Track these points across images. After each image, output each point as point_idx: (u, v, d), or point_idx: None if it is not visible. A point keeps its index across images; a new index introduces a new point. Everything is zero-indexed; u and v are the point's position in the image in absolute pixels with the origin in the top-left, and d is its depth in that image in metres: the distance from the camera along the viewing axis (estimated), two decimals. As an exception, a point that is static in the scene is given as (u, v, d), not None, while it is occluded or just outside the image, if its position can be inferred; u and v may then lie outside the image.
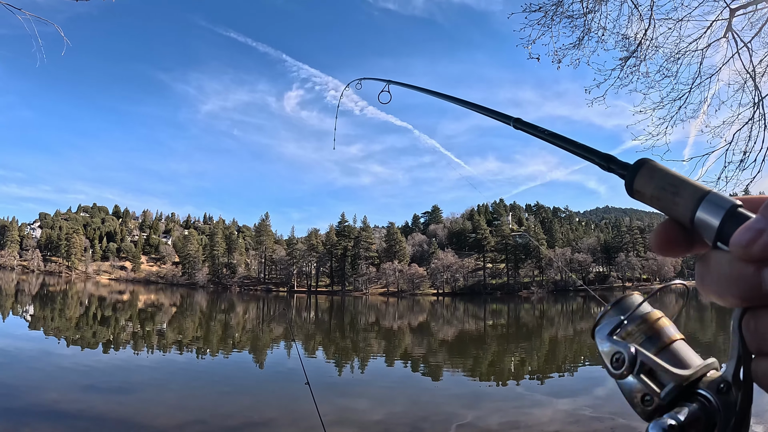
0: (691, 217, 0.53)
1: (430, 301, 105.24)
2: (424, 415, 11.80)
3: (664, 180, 0.58)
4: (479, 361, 22.96)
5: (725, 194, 0.52)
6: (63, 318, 37.31)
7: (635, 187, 0.61)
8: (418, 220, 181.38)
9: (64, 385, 13.69)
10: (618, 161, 0.68)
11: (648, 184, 0.59)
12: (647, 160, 0.62)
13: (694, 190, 0.54)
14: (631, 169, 0.62)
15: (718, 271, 0.48)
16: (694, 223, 0.52)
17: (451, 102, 1.74)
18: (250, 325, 40.30)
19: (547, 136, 0.93)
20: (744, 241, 0.45)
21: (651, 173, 0.59)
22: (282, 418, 11.06)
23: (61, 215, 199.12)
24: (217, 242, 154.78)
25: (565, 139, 0.86)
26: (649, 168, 0.60)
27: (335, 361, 21.88)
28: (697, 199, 0.52)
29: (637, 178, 0.61)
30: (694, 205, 0.52)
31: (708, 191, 0.53)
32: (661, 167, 0.60)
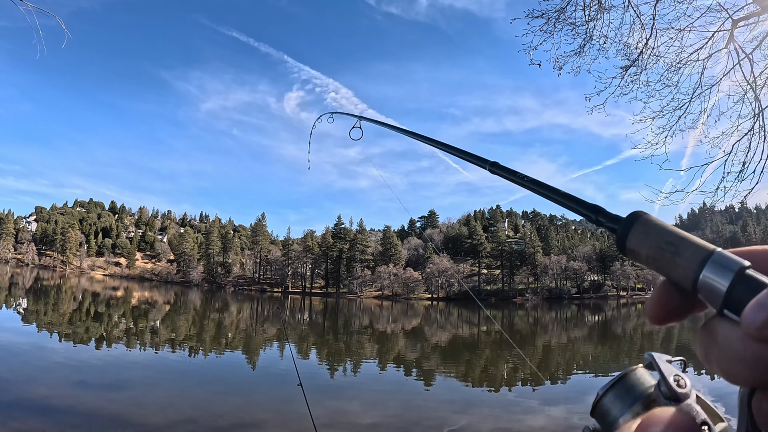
0: (694, 280, 0.47)
1: (425, 305, 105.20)
2: (416, 420, 11.77)
3: (661, 238, 0.51)
4: (472, 366, 22.94)
5: (731, 254, 0.47)
6: (56, 313, 37.18)
7: (629, 246, 0.54)
8: (415, 224, 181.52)
9: (55, 380, 13.62)
10: (607, 214, 0.61)
11: (643, 243, 0.52)
12: (641, 214, 0.55)
13: (696, 249, 0.48)
14: (622, 225, 0.55)
15: (728, 346, 0.43)
16: (698, 288, 0.47)
17: (424, 142, 1.67)
18: (243, 325, 40.22)
19: (526, 183, 0.86)
20: (759, 322, 0.39)
21: (646, 230, 0.53)
22: (273, 419, 11.02)
23: (57, 209, 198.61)
24: (213, 241, 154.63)
25: (547, 187, 0.77)
26: (644, 224, 0.53)
27: (328, 363, 21.83)
28: (701, 260, 0.46)
29: (631, 236, 0.54)
30: (697, 267, 0.47)
31: (713, 250, 0.47)
32: (657, 222, 0.53)
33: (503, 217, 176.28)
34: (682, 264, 0.48)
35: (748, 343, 0.41)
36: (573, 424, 11.79)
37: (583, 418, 8.78)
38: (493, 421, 12.18)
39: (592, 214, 0.63)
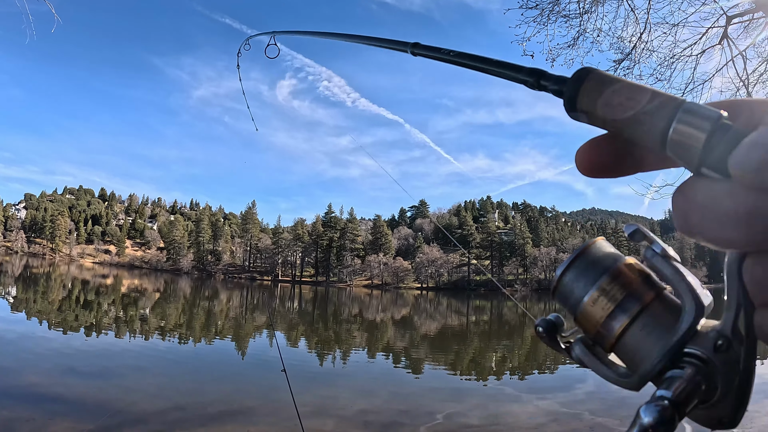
0: (662, 136, 0.40)
1: (414, 295, 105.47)
2: (405, 409, 11.83)
3: (619, 92, 0.43)
4: (461, 356, 23.06)
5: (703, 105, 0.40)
6: (46, 301, 36.95)
7: (579, 106, 0.46)
8: (405, 213, 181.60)
9: (44, 368, 13.56)
10: (551, 75, 0.53)
11: (597, 101, 0.45)
12: (591, 69, 0.47)
13: (663, 100, 0.41)
14: (571, 83, 0.47)
15: (712, 206, 0.36)
16: (668, 144, 0.40)
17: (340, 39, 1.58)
18: (233, 313, 40.18)
19: (453, 58, 0.76)
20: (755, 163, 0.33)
21: (599, 86, 0.45)
22: (261, 407, 11.04)
23: (46, 196, 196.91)
24: (203, 229, 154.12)
25: (479, 59, 0.68)
26: (596, 79, 0.46)
27: (317, 351, 21.87)
28: (669, 112, 0.39)
29: (582, 94, 0.46)
30: (666, 120, 0.39)
31: (682, 100, 0.40)
32: (612, 76, 0.45)
33: (493, 208, 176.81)
34: (647, 119, 0.41)
35: (739, 195, 0.35)
36: (560, 413, 11.89)
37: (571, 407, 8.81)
38: (482, 409, 12.25)
39: (532, 79, 0.55)
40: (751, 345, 0.40)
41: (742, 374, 0.41)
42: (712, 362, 0.42)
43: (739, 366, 0.41)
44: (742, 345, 0.41)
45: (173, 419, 9.92)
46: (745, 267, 0.39)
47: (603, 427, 10.44)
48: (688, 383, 0.41)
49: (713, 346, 0.41)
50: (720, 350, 0.41)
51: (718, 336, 0.41)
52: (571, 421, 11.24)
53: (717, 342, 0.41)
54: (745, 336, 0.40)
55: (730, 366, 0.41)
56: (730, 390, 0.42)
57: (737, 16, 7.73)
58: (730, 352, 0.41)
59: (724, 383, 0.42)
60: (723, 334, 0.41)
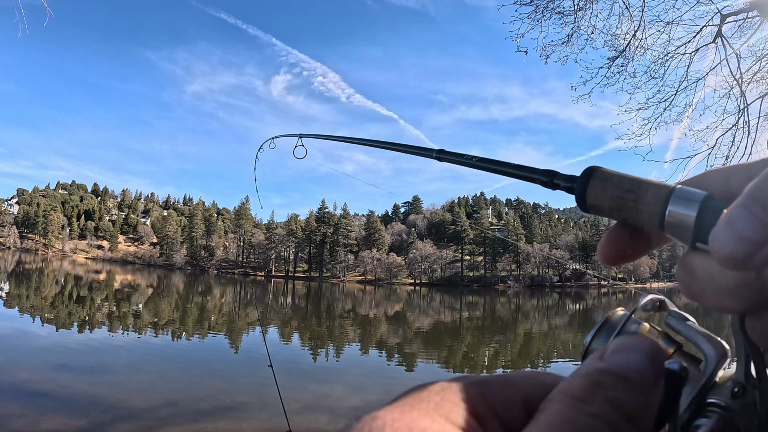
0: (660, 220, 0.45)
1: (407, 290, 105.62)
2: (398, 405, 11.86)
3: (621, 187, 0.49)
4: (454, 351, 23.12)
5: (691, 188, 0.45)
6: (38, 296, 36.81)
7: (589, 202, 0.52)
8: (399, 209, 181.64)
9: (37, 364, 13.51)
10: (562, 175, 0.58)
11: (603, 196, 0.50)
12: (597, 168, 0.52)
13: (657, 189, 0.46)
14: (579, 182, 0.52)
15: (708, 279, 0.41)
16: (665, 227, 0.45)
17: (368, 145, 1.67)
18: (226, 309, 40.13)
19: (475, 162, 0.83)
20: (727, 249, 0.36)
21: (604, 182, 0.50)
22: (253, 402, 11.04)
23: (39, 192, 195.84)
24: (196, 224, 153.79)
25: (498, 163, 0.75)
26: (601, 176, 0.51)
27: (310, 347, 21.87)
28: (663, 198, 0.45)
29: (590, 191, 0.51)
30: (662, 206, 0.45)
31: (673, 187, 0.45)
32: (614, 173, 0.51)
33: (487, 204, 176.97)
34: (645, 208, 0.46)
35: (725, 271, 0.39)
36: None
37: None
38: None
39: (546, 178, 0.61)
40: (764, 386, 0.43)
41: (760, 414, 0.44)
42: (732, 408, 0.44)
43: (756, 407, 0.44)
44: (755, 389, 0.43)
45: (165, 415, 9.91)
46: (747, 325, 0.42)
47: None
48: (713, 430, 0.44)
49: (731, 394, 0.44)
50: (737, 396, 0.44)
51: (734, 384, 0.44)
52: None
53: (734, 389, 0.44)
54: (758, 379, 0.43)
55: (747, 409, 0.44)
56: (752, 429, 0.44)
57: (731, 14, 7.74)
58: (746, 397, 0.44)
59: (745, 425, 0.44)
60: (738, 382, 0.44)
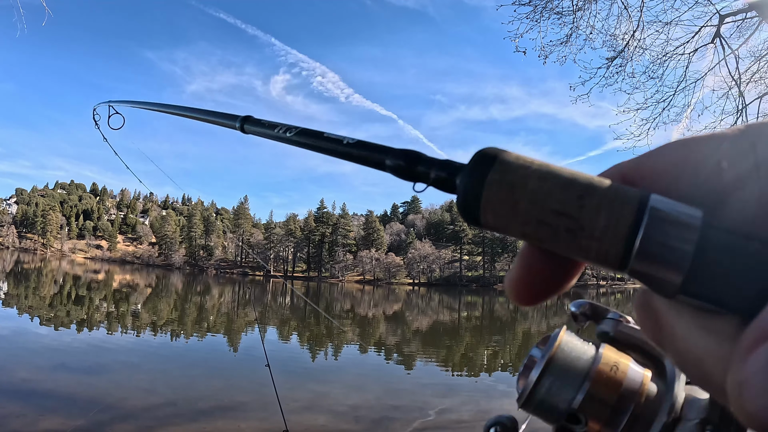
0: (622, 262, 0.25)
1: (406, 290, 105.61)
2: (396, 404, 11.85)
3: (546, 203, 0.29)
4: (452, 351, 23.13)
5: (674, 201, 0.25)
6: (37, 296, 36.74)
7: (485, 219, 0.31)
8: (397, 209, 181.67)
9: (35, 364, 13.48)
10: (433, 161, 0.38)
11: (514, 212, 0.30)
12: (497, 156, 0.33)
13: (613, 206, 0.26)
14: (468, 180, 0.32)
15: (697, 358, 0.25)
16: (630, 265, 0.25)
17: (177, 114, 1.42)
18: (225, 309, 40.09)
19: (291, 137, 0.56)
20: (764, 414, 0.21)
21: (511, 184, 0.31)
22: (252, 402, 11.03)
23: (38, 191, 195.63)
24: (195, 224, 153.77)
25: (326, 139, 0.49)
26: (509, 176, 0.31)
27: (308, 347, 21.86)
28: (629, 225, 0.25)
29: (487, 200, 0.30)
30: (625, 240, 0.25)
31: (647, 197, 0.26)
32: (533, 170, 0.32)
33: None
34: (594, 243, 0.26)
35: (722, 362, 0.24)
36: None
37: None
38: (473, 405, 12.31)
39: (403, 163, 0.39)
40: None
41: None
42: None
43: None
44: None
45: (164, 415, 9.91)
46: None
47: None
48: None
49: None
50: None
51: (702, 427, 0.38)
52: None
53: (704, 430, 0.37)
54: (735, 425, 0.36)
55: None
56: None
57: (730, 15, 7.75)
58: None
59: None
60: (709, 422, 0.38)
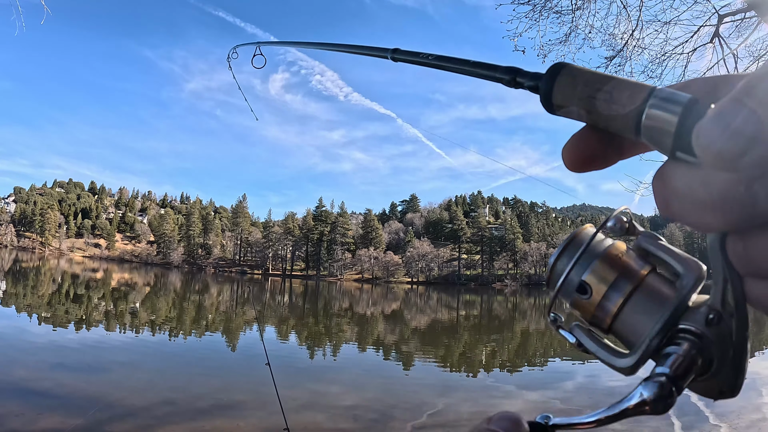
0: (636, 124, 0.40)
1: (404, 289, 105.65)
2: (394, 403, 11.86)
3: (592, 85, 0.44)
4: (451, 350, 23.14)
5: (673, 89, 0.40)
6: (35, 295, 36.72)
7: (555, 101, 0.47)
8: (396, 208, 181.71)
9: (34, 363, 13.48)
10: (526, 72, 0.53)
11: (572, 95, 0.45)
12: (564, 64, 0.47)
13: (634, 89, 0.41)
14: (545, 79, 0.48)
15: (688, 193, 0.37)
16: (642, 132, 0.40)
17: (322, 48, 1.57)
18: (223, 307, 40.09)
19: (432, 61, 0.77)
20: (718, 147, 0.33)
21: (572, 80, 0.46)
22: (251, 401, 11.03)
23: (36, 190, 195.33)
24: (194, 222, 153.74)
25: (454, 60, 0.69)
26: (570, 73, 0.46)
27: (307, 346, 21.88)
28: (641, 100, 0.40)
29: (556, 90, 0.47)
30: (638, 107, 0.40)
31: (653, 87, 0.40)
32: (585, 70, 0.46)
33: (484, 203, 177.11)
34: (620, 109, 0.41)
35: (710, 182, 0.35)
36: (550, 407, 11.97)
37: (560, 401, 8.86)
38: (471, 404, 12.32)
39: (508, 76, 0.55)
40: (741, 316, 0.41)
41: (735, 345, 0.41)
42: (706, 336, 0.42)
43: (731, 337, 0.41)
44: (732, 317, 0.41)
45: (163, 413, 9.91)
46: (728, 245, 0.39)
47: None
48: (684, 358, 0.41)
49: (705, 320, 0.42)
50: (712, 324, 0.41)
51: (709, 310, 0.42)
52: (561, 415, 11.33)
53: (708, 316, 0.42)
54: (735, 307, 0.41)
55: (723, 338, 0.41)
56: (726, 361, 0.42)
57: (729, 15, 7.76)
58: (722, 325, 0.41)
59: (719, 355, 0.42)
60: (713, 308, 0.42)
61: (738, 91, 0.33)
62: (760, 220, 0.35)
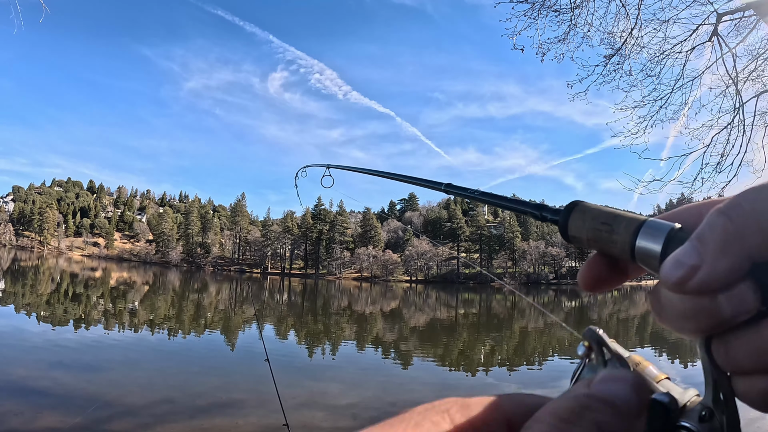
0: (631, 251, 0.48)
1: (403, 287, 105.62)
2: (393, 401, 11.87)
3: (596, 219, 0.53)
4: (450, 348, 23.14)
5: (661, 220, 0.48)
6: (34, 294, 36.70)
7: (570, 233, 0.57)
8: (395, 206, 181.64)
9: (33, 362, 13.49)
10: (550, 208, 0.64)
11: (582, 228, 0.54)
12: (578, 203, 0.57)
13: (628, 222, 0.49)
14: (562, 215, 0.57)
15: (671, 306, 0.44)
16: (636, 257, 0.48)
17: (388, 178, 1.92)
18: (222, 306, 40.07)
19: (478, 197, 0.94)
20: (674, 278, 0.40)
21: (583, 215, 0.55)
22: (250, 399, 11.04)
23: (34, 189, 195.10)
24: (192, 221, 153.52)
25: (497, 197, 0.85)
26: (581, 210, 0.56)
27: (306, 344, 21.89)
28: (633, 230, 0.48)
29: (571, 223, 0.56)
30: (631, 238, 0.48)
31: (644, 220, 0.48)
32: (592, 207, 0.55)
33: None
34: (619, 239, 0.49)
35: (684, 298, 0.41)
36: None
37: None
38: (470, 403, 12.34)
39: (536, 212, 0.67)
40: (731, 410, 0.44)
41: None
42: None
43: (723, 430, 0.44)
44: (723, 413, 0.44)
45: (162, 412, 9.91)
46: (713, 348, 0.44)
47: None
48: None
49: (699, 418, 0.45)
50: (704, 420, 0.45)
51: (702, 408, 0.45)
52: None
53: (701, 413, 0.45)
54: (725, 404, 0.44)
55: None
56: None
57: (728, 13, 7.77)
58: (713, 421, 0.44)
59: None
60: (706, 406, 0.45)
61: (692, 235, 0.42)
62: (729, 324, 0.41)
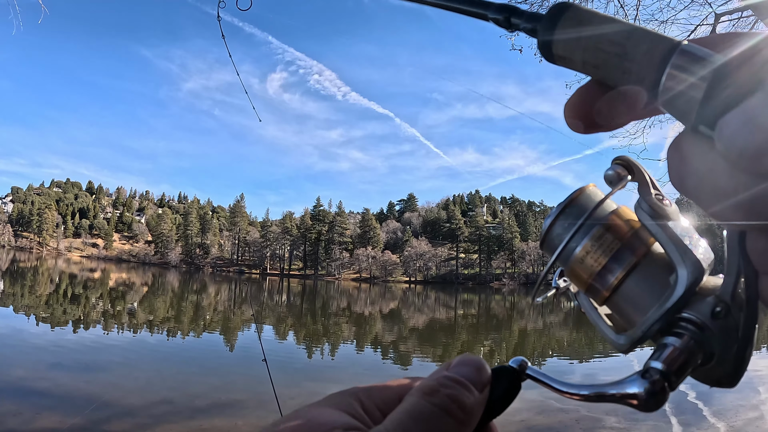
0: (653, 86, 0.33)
1: (402, 288, 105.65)
2: (393, 402, 11.89)
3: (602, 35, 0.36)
4: (449, 349, 23.15)
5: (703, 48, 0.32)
6: (33, 295, 36.67)
7: (557, 52, 0.39)
8: (394, 207, 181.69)
9: (31, 363, 13.47)
10: (523, 12, 0.42)
11: (576, 45, 0.37)
12: (568, 5, 0.38)
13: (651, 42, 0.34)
14: (545, 22, 0.39)
15: (710, 178, 0.31)
16: (660, 98, 0.33)
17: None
18: (221, 307, 40.08)
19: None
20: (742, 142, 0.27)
21: (578, 24, 0.37)
22: (249, 400, 11.03)
23: (33, 190, 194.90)
24: (191, 222, 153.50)
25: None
26: (575, 15, 0.38)
27: (305, 345, 21.89)
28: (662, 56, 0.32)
29: (558, 35, 0.38)
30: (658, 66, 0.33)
31: (677, 42, 0.33)
32: (593, 13, 0.37)
33: (482, 202, 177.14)
34: (635, 67, 0.34)
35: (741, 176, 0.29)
36: (546, 406, 11.98)
37: (557, 400, 8.86)
38: (469, 403, 12.34)
39: (501, 16, 0.43)
40: (751, 312, 0.37)
41: (740, 342, 0.38)
42: (709, 329, 0.39)
43: (737, 333, 0.38)
44: (741, 312, 0.38)
45: (161, 412, 9.91)
46: (748, 237, 0.35)
47: (589, 419, 10.54)
48: (682, 353, 0.39)
49: (711, 312, 0.39)
50: (718, 317, 0.38)
51: (716, 302, 0.39)
52: (558, 414, 11.33)
53: (715, 308, 0.38)
54: (746, 303, 0.37)
55: (728, 333, 0.38)
56: (729, 356, 0.39)
57: (726, 14, 7.78)
58: (729, 319, 0.38)
59: (721, 350, 0.39)
60: (722, 300, 0.38)
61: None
62: None
